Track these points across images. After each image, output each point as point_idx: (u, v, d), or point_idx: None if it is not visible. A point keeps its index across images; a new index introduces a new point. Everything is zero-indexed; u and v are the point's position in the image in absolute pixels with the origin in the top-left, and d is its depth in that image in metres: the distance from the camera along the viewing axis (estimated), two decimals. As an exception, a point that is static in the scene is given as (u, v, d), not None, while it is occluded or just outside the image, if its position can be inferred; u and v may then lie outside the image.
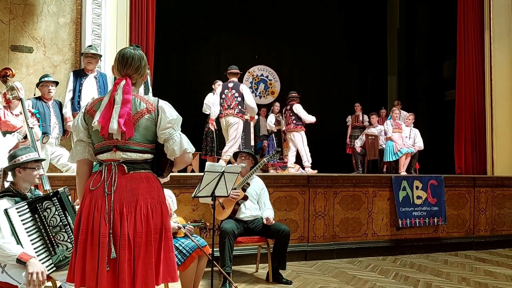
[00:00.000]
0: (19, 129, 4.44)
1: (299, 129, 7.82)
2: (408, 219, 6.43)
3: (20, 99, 4.30)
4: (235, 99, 6.73)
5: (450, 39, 10.32)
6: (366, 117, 10.21)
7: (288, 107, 7.98)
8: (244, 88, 6.88)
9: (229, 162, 6.37)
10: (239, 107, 6.71)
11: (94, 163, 2.41)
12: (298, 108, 7.80)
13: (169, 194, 4.12)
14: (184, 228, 3.85)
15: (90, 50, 5.64)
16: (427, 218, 6.56)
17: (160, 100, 2.33)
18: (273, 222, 4.67)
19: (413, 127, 8.64)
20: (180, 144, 2.27)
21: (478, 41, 8.55)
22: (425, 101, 12.01)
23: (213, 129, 7.71)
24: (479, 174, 8.05)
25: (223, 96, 6.86)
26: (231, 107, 6.74)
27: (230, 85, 6.86)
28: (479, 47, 8.55)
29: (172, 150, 2.26)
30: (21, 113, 4.36)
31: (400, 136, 8.41)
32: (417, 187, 6.57)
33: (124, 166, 2.24)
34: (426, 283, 4.87)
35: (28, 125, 4.15)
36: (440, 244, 6.66)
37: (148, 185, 2.26)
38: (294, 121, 7.82)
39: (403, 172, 7.97)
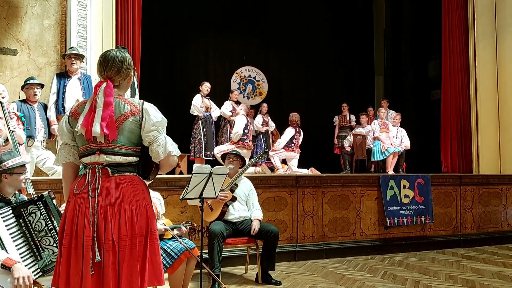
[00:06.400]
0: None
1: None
2: (395, 218, 6.47)
3: (0, 102, 4.23)
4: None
5: (435, 39, 10.45)
6: (353, 117, 10.27)
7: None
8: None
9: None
10: None
11: (81, 166, 2.38)
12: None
13: (157, 197, 4.10)
14: (172, 230, 3.83)
15: (72, 51, 5.60)
16: (414, 217, 6.61)
17: (145, 103, 2.31)
18: (257, 230, 4.65)
19: (400, 126, 8.71)
20: (164, 147, 2.25)
21: (462, 41, 8.67)
22: (412, 101, 12.12)
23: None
24: (465, 173, 8.15)
25: (247, 128, 7.56)
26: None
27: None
28: (464, 47, 8.67)
29: (157, 153, 2.25)
30: (0, 118, 4.28)
31: (387, 135, 8.48)
32: (404, 186, 6.62)
33: (108, 169, 2.22)
34: (414, 281, 4.91)
35: (9, 128, 4.09)
36: (427, 242, 6.72)
37: (132, 187, 2.24)
38: None
39: (390, 172, 8.03)
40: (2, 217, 2.78)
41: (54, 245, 2.86)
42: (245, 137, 7.50)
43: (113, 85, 2.27)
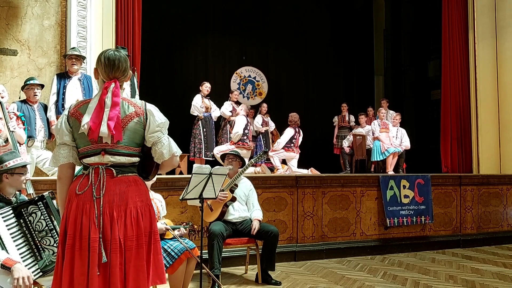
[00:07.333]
0: None
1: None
2: (395, 218, 6.47)
3: (0, 103, 4.23)
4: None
5: (435, 39, 10.46)
6: (352, 117, 10.28)
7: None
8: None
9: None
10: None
11: (78, 167, 2.37)
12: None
13: (158, 198, 4.11)
14: (173, 230, 3.83)
15: (73, 52, 5.60)
16: (414, 217, 6.61)
17: (147, 104, 2.32)
18: (257, 229, 4.65)
19: (400, 126, 8.72)
20: (168, 147, 2.27)
21: (462, 41, 8.67)
22: (412, 101, 12.14)
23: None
24: (465, 173, 8.15)
25: (247, 128, 7.56)
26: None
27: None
28: (464, 47, 8.68)
29: (161, 153, 2.26)
30: (0, 118, 4.28)
31: (387, 136, 8.48)
32: (404, 186, 6.62)
33: (113, 169, 2.22)
34: (414, 281, 4.91)
35: (9, 128, 4.08)
36: (427, 242, 6.72)
37: (136, 188, 2.25)
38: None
39: (390, 172, 8.03)
40: (3, 217, 2.78)
41: (55, 245, 2.86)
42: (245, 137, 7.50)
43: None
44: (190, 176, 3.85)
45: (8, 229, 2.78)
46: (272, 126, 9.82)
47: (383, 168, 8.49)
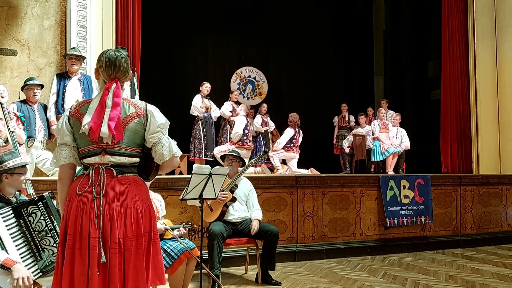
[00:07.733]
0: None
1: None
2: (395, 218, 6.47)
3: (0, 103, 4.23)
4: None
5: (434, 39, 10.46)
6: (352, 117, 10.28)
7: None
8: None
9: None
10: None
11: (78, 168, 2.37)
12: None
13: (158, 198, 4.11)
14: (173, 230, 3.83)
15: (73, 52, 5.59)
16: (414, 217, 6.61)
17: (148, 104, 2.33)
18: (256, 230, 4.65)
19: (400, 126, 8.72)
20: (169, 148, 2.28)
21: (462, 41, 8.68)
22: (411, 101, 12.14)
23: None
24: (465, 173, 8.15)
25: (247, 129, 7.58)
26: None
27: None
28: (463, 47, 8.68)
29: (161, 154, 2.26)
30: (0, 118, 4.28)
31: (387, 136, 8.48)
32: (404, 187, 6.62)
33: (113, 169, 2.22)
34: (414, 281, 4.91)
35: (9, 129, 4.08)
36: (427, 242, 6.72)
37: (137, 188, 2.25)
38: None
39: (390, 172, 8.03)
40: (3, 217, 2.78)
41: (54, 245, 2.86)
42: (245, 137, 7.50)
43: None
44: (190, 176, 3.85)
45: (8, 229, 2.78)
46: (272, 126, 9.81)
47: (383, 168, 8.49)
